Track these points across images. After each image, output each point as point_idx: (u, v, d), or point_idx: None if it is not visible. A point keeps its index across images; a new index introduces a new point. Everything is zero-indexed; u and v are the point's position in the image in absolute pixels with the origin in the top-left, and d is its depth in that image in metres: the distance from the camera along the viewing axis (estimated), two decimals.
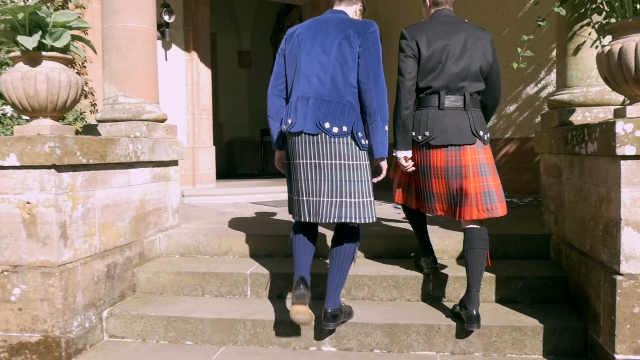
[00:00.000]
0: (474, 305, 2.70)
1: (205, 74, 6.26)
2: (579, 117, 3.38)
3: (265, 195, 6.13)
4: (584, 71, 3.43)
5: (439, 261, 3.38)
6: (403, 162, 2.87)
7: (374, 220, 2.69)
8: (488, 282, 3.14)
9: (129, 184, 3.55)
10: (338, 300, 2.76)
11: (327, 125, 2.59)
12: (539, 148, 3.78)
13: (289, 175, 2.81)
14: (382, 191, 6.89)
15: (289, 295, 3.32)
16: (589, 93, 3.38)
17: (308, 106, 2.63)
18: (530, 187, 5.82)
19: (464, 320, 2.73)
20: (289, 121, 2.67)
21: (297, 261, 2.79)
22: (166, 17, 5.72)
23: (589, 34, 3.40)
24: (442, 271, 3.24)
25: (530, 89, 5.82)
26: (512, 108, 6.01)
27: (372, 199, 2.68)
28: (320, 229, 3.40)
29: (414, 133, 2.82)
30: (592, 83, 3.41)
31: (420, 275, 3.21)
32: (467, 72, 2.77)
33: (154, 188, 3.90)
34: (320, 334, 2.91)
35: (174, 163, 4.21)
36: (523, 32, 5.73)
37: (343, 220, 2.64)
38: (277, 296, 3.34)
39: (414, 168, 2.90)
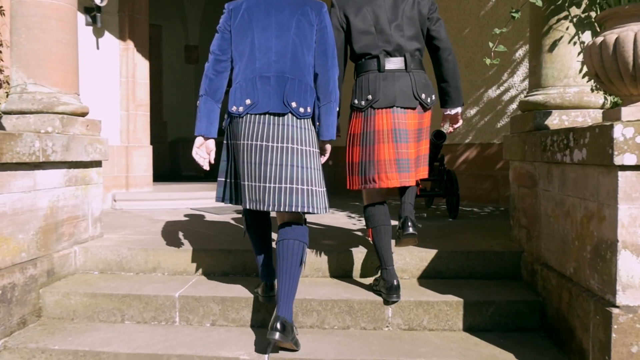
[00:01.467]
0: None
1: (142, 66, 5.67)
2: (555, 120, 3.02)
3: (207, 201, 5.60)
4: (561, 70, 3.08)
5: (400, 280, 2.96)
6: None
7: (327, 211, 2.53)
8: (455, 308, 2.73)
9: (35, 188, 2.97)
10: (291, 310, 2.43)
11: (294, 104, 2.43)
12: (508, 154, 3.41)
13: (231, 158, 2.56)
14: (335, 197, 6.49)
15: (224, 323, 2.83)
16: (567, 94, 3.03)
17: (270, 84, 2.44)
18: (490, 195, 5.50)
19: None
20: (248, 101, 2.44)
21: (259, 252, 2.73)
22: (97, 1, 5.11)
23: (567, 28, 3.05)
24: (404, 294, 2.80)
25: (493, 92, 5.50)
26: (472, 112, 5.68)
27: (325, 189, 2.53)
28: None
29: (355, 101, 2.73)
30: (569, 83, 3.06)
31: (378, 299, 2.77)
32: (402, 32, 2.70)
33: (70, 193, 3.32)
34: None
35: (97, 164, 3.64)
36: (485, 31, 5.43)
37: (293, 209, 2.41)
38: (210, 323, 2.84)
39: None
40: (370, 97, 2.69)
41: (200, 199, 5.60)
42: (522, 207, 3.21)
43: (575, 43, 3.04)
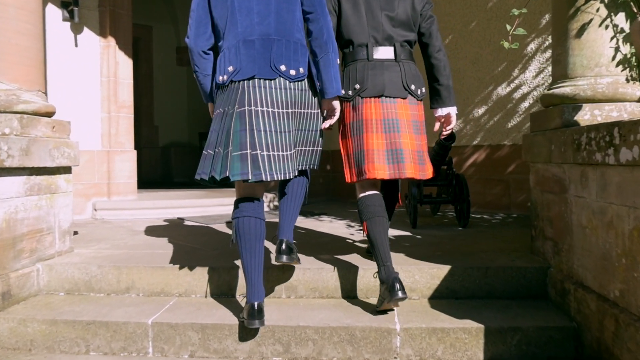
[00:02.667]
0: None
1: (125, 65, 5.27)
2: (586, 115, 2.62)
3: (196, 210, 5.19)
4: (591, 57, 2.68)
5: (408, 300, 2.64)
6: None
7: (317, 167, 2.63)
8: (474, 336, 2.32)
9: None
10: (292, 231, 2.58)
11: (282, 67, 2.31)
12: (529, 156, 3.01)
13: (214, 128, 2.37)
14: (333, 204, 6.10)
15: (205, 354, 2.42)
16: (599, 85, 2.63)
17: (255, 48, 2.30)
18: (501, 201, 5.09)
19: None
20: (230, 68, 2.30)
21: (248, 272, 2.33)
22: None
23: (597, 10, 2.65)
24: (414, 319, 2.40)
25: (502, 90, 5.11)
26: (480, 111, 5.29)
27: (321, 148, 2.57)
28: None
29: (342, 91, 2.59)
30: (601, 72, 2.66)
31: (384, 325, 2.36)
32: (394, 21, 2.63)
33: (31, 203, 2.92)
34: None
35: (65, 170, 3.24)
36: (493, 24, 5.04)
37: (291, 176, 2.34)
38: (188, 355, 2.43)
39: None
40: (357, 86, 2.60)
41: (188, 207, 5.19)
42: (547, 215, 2.80)
43: (607, 26, 2.65)
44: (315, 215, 5.20)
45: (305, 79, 2.40)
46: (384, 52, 2.63)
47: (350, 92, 2.62)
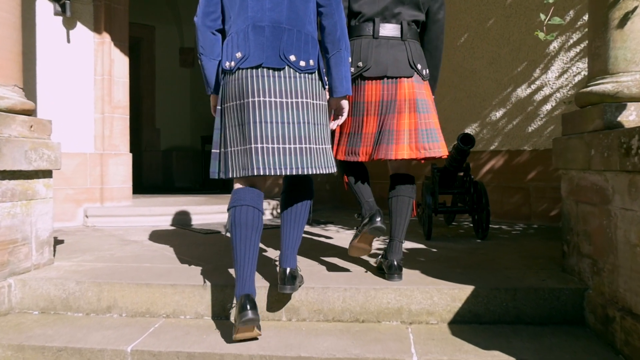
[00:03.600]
0: (396, 255, 2.56)
1: (121, 63, 4.96)
2: (631, 116, 2.29)
3: (194, 217, 4.87)
4: (637, 50, 2.35)
5: (425, 325, 2.34)
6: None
7: (335, 171, 2.35)
8: None
9: None
10: (295, 258, 2.37)
11: (292, 57, 2.20)
12: (560, 162, 2.68)
13: (224, 123, 2.27)
14: (340, 212, 5.78)
15: None
16: None
17: (265, 35, 2.20)
18: (521, 210, 4.75)
19: (385, 271, 2.56)
20: (238, 55, 2.19)
21: (241, 265, 2.16)
22: None
23: None
24: (433, 349, 2.07)
25: (522, 91, 4.77)
26: (498, 114, 4.95)
27: (331, 145, 2.37)
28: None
29: None
30: None
31: (400, 357, 2.02)
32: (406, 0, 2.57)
33: (3, 211, 2.61)
34: None
35: (44, 174, 2.93)
36: (512, 21, 4.72)
37: (308, 172, 2.20)
38: None
39: None
40: (360, 64, 2.55)
41: (186, 215, 4.87)
42: (583, 230, 2.47)
43: None
44: (320, 224, 4.88)
45: (315, 72, 2.28)
46: (391, 30, 2.57)
47: (352, 69, 2.54)
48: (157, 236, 4.12)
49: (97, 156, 4.84)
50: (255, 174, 2.15)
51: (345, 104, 2.43)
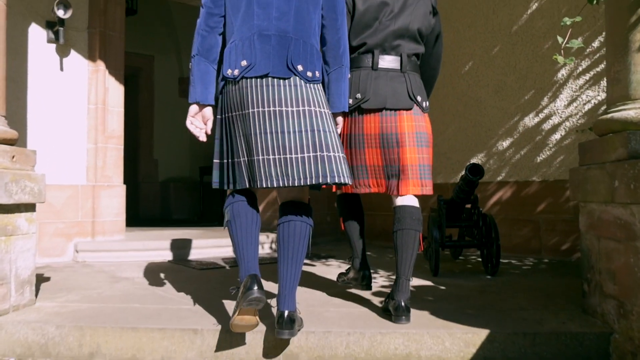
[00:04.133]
0: (403, 295, 2.39)
1: (115, 91, 4.82)
2: None
3: (190, 252, 4.67)
4: None
5: None
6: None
7: (350, 181, 2.17)
8: None
9: None
10: (295, 298, 2.15)
11: (300, 67, 2.14)
12: (579, 194, 2.50)
13: (227, 133, 2.21)
14: (341, 244, 5.56)
15: None
16: None
17: (271, 44, 2.14)
18: (531, 244, 4.54)
19: (392, 312, 2.38)
20: (243, 63, 2.12)
21: (243, 250, 2.15)
22: (60, 12, 4.31)
23: None
24: None
25: (530, 120, 4.61)
26: (505, 144, 4.78)
27: (344, 154, 2.19)
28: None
29: None
30: None
31: None
32: (405, 31, 2.56)
33: None
34: None
35: (27, 208, 2.75)
36: (518, 49, 4.59)
37: (321, 180, 2.07)
38: None
39: None
40: (359, 95, 2.52)
41: (182, 249, 4.66)
42: (606, 268, 2.27)
43: None
44: (321, 258, 4.67)
45: (320, 83, 2.23)
46: (390, 62, 2.55)
47: (350, 101, 2.52)
48: (150, 272, 3.91)
49: (89, 188, 4.66)
50: (272, 185, 2.08)
51: (340, 119, 2.39)
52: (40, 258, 4.39)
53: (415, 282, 3.39)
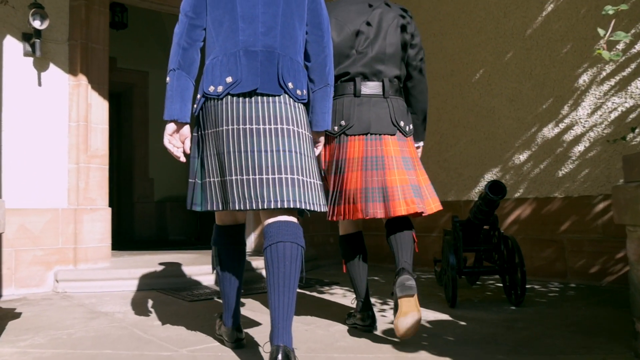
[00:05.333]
0: (408, 277, 2.29)
1: (99, 107, 4.45)
2: None
3: (181, 280, 4.28)
4: None
5: None
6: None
7: (325, 209, 2.12)
8: None
9: None
10: (290, 332, 1.83)
11: (290, 85, 2.05)
12: (629, 216, 2.11)
13: (203, 152, 2.10)
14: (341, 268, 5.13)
15: None
16: None
17: (258, 60, 2.03)
18: (554, 267, 4.14)
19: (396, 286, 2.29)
20: (228, 79, 2.00)
21: (228, 298, 2.29)
22: (36, 23, 3.96)
23: None
24: None
25: (549, 131, 4.24)
26: (522, 157, 4.40)
27: (320, 181, 2.11)
28: None
29: None
30: None
31: None
32: (383, 56, 2.57)
33: None
34: None
35: None
36: (534, 54, 4.24)
37: (298, 205, 1.93)
38: None
39: None
40: (343, 122, 2.52)
41: (170, 277, 4.28)
42: None
43: None
44: (324, 285, 4.27)
45: (305, 103, 2.16)
46: (372, 88, 2.55)
47: (335, 128, 2.52)
48: (134, 305, 3.52)
49: (70, 212, 4.28)
50: (245, 208, 1.95)
51: (322, 139, 2.32)
52: (17, 289, 4.03)
53: (431, 315, 3.00)
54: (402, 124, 2.55)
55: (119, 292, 4.05)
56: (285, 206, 1.91)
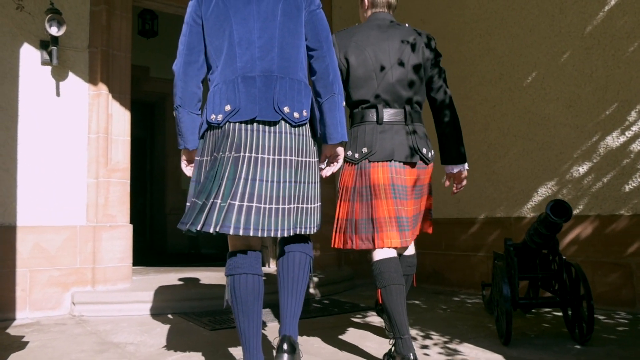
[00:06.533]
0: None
1: (120, 118, 4.19)
2: None
3: (206, 304, 3.96)
4: None
5: None
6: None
7: (317, 229, 2.20)
8: None
9: None
10: (297, 328, 2.14)
11: (286, 109, 2.07)
12: None
13: (204, 175, 2.08)
14: (361, 290, 4.71)
15: None
16: None
17: (256, 86, 2.05)
18: (621, 294, 3.64)
19: None
20: (227, 108, 2.03)
21: (246, 333, 2.05)
22: (53, 30, 3.74)
23: None
24: None
25: (613, 140, 3.76)
26: (581, 169, 3.93)
27: (321, 204, 2.24)
28: None
29: (349, 152, 2.51)
30: None
31: None
32: (404, 82, 2.51)
33: None
34: None
35: None
36: (595, 53, 3.80)
37: (301, 231, 2.11)
38: None
39: None
40: (365, 150, 2.47)
41: (195, 300, 3.97)
42: None
43: None
44: (358, 310, 3.90)
45: (307, 124, 2.16)
46: (394, 115, 2.51)
47: (357, 155, 2.49)
48: (151, 334, 3.21)
49: (89, 229, 4.03)
50: (241, 234, 1.98)
51: (340, 150, 2.28)
52: (31, 312, 3.79)
53: (481, 355, 2.59)
54: (424, 151, 2.53)
55: (137, 316, 3.76)
56: (285, 234, 2.05)
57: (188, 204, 2.12)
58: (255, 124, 2.03)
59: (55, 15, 3.76)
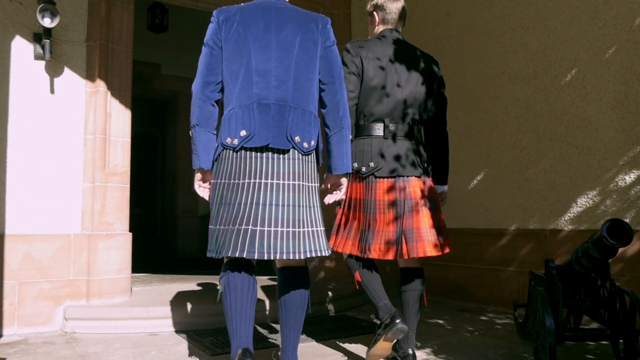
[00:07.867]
0: (410, 344, 2.56)
1: (120, 117, 3.87)
2: None
3: (209, 320, 3.62)
4: None
5: None
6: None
7: (330, 252, 2.24)
8: None
9: None
10: (297, 357, 2.30)
11: (297, 139, 2.17)
12: None
13: (221, 199, 2.17)
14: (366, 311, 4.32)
15: None
16: None
17: (270, 114, 2.15)
18: None
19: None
20: (243, 133, 2.12)
21: (235, 326, 2.12)
22: (45, 21, 3.43)
23: None
24: None
25: None
26: (629, 178, 3.51)
27: (324, 228, 2.28)
28: None
29: (355, 164, 2.60)
30: None
31: None
32: (413, 100, 2.65)
33: None
34: None
35: None
36: None
37: (303, 256, 2.14)
38: None
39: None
40: (372, 164, 2.58)
41: (197, 317, 3.63)
42: None
43: None
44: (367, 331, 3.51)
45: (314, 152, 2.26)
46: (400, 130, 2.61)
47: (363, 169, 2.59)
48: (144, 358, 2.88)
49: (84, 238, 3.71)
50: (258, 257, 2.06)
51: (344, 180, 2.38)
52: (19, 328, 3.49)
53: None
54: (426, 165, 2.66)
55: (133, 334, 3.44)
56: (297, 257, 2.09)
57: (211, 227, 2.22)
58: (267, 151, 2.12)
59: (48, 5, 3.44)
